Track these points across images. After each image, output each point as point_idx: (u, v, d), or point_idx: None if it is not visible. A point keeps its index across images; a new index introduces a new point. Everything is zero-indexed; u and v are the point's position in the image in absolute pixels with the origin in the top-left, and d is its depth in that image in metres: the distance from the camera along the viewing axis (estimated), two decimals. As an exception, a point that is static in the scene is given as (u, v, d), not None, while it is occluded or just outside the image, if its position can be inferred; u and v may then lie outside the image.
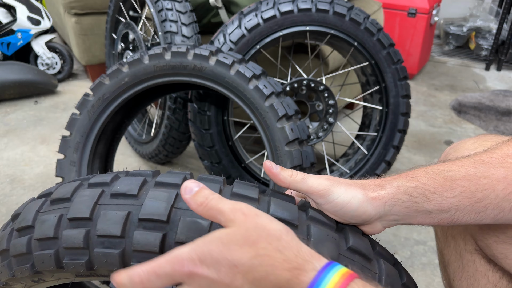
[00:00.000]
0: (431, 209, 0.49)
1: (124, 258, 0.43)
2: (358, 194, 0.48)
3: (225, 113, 1.42)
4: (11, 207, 1.54)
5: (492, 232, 0.54)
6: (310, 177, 0.49)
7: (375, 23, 1.35)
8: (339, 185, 0.49)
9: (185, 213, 0.44)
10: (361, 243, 0.47)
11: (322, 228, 0.46)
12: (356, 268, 0.44)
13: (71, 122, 1.13)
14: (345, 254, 0.45)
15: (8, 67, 2.42)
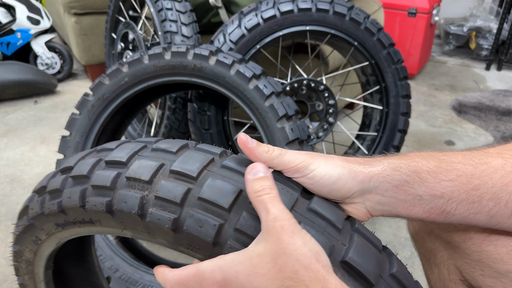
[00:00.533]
0: (423, 192, 0.45)
1: (144, 205, 0.43)
2: (339, 166, 0.45)
3: (225, 113, 1.42)
4: (11, 207, 1.54)
5: (478, 266, 0.51)
6: (287, 153, 0.46)
7: (375, 23, 1.35)
8: (318, 158, 0.46)
9: (215, 175, 0.44)
10: (326, 207, 0.44)
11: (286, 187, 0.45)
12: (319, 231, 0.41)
13: (71, 122, 1.13)
14: (307, 215, 0.42)
15: (7, 67, 2.42)
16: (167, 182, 0.43)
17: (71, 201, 0.47)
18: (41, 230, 0.53)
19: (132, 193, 0.43)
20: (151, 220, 0.42)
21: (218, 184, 0.42)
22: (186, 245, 0.43)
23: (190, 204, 0.42)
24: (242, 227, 0.40)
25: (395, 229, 1.44)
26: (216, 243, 0.40)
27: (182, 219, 0.41)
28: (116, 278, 1.05)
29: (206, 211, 0.41)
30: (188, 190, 0.42)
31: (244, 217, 0.40)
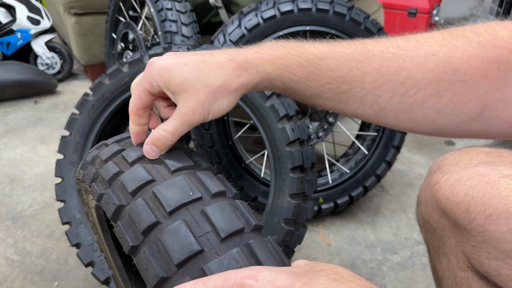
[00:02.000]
0: (292, 93, 0.50)
1: (118, 215, 0.43)
2: (223, 101, 0.48)
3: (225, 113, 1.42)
4: (11, 207, 1.54)
5: (484, 248, 0.52)
6: (179, 128, 0.48)
7: (375, 23, 1.35)
8: (205, 111, 0.48)
9: (188, 220, 0.41)
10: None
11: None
12: None
13: (71, 122, 1.13)
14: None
15: (7, 67, 2.42)
16: (142, 203, 0.42)
17: (87, 177, 0.52)
18: (82, 185, 0.58)
19: (114, 197, 0.44)
20: (117, 232, 0.43)
21: (181, 233, 0.38)
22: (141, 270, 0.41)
23: (149, 240, 0.39)
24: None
25: (395, 229, 1.44)
26: None
27: (138, 250, 0.40)
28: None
29: (159, 255, 0.38)
30: (155, 224, 0.40)
31: (187, 281, 0.36)
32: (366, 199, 1.59)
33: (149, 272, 0.38)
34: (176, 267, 0.37)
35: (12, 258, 1.31)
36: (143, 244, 0.39)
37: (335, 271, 0.33)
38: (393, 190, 1.66)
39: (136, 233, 0.40)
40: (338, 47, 0.49)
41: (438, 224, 0.60)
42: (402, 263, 1.30)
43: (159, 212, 0.40)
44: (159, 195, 0.42)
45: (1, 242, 1.38)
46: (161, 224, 0.39)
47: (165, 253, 0.37)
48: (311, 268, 0.34)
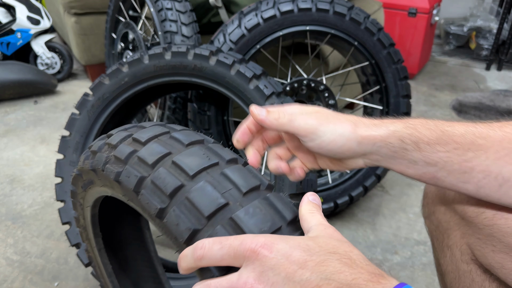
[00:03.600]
0: (418, 159, 0.49)
1: (141, 185, 0.46)
2: (346, 131, 0.49)
3: (225, 113, 1.42)
4: (11, 207, 1.54)
5: (490, 241, 0.53)
6: (297, 118, 0.49)
7: (375, 23, 1.35)
8: (327, 124, 0.49)
9: (210, 180, 0.45)
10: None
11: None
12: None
13: (71, 122, 1.13)
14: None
15: (7, 67, 2.42)
16: (165, 171, 0.45)
17: (97, 163, 0.53)
18: (83, 180, 0.60)
19: (134, 171, 0.47)
20: (141, 200, 0.46)
21: (208, 190, 0.42)
22: (166, 234, 0.45)
23: (177, 200, 0.43)
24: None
25: (395, 229, 1.44)
26: (187, 244, 0.41)
27: (165, 212, 0.43)
28: (116, 278, 1.04)
29: (188, 211, 0.42)
30: (180, 186, 0.43)
31: (218, 230, 0.40)
32: (366, 199, 1.59)
33: (181, 226, 0.41)
34: (206, 219, 0.41)
35: (12, 258, 1.31)
36: (170, 206, 0.43)
37: (348, 255, 0.35)
38: (393, 190, 1.66)
39: (162, 198, 0.44)
40: (462, 123, 0.50)
41: (444, 216, 0.61)
42: (402, 263, 1.30)
43: (182, 177, 0.44)
44: (180, 162, 0.45)
45: (1, 242, 1.38)
46: (185, 186, 0.43)
47: (193, 209, 0.41)
48: (325, 246, 0.35)
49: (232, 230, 0.40)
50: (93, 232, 0.68)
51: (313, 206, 0.43)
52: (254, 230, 0.39)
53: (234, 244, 0.35)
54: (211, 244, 0.37)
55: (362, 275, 0.33)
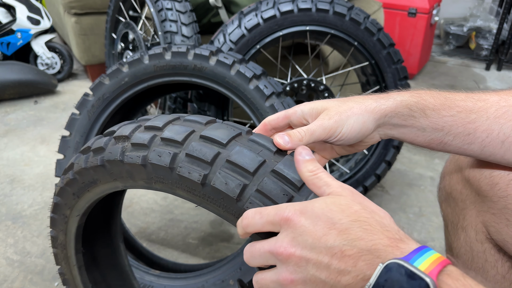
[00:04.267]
0: (426, 126, 0.52)
1: (175, 160, 0.49)
2: (359, 115, 0.52)
3: (225, 113, 1.42)
4: (11, 207, 1.54)
5: (504, 215, 0.55)
6: (316, 130, 0.52)
7: (375, 23, 1.35)
8: (340, 119, 0.52)
9: (243, 145, 0.50)
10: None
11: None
12: None
13: (71, 122, 1.13)
14: None
15: (8, 67, 2.42)
16: (198, 143, 0.49)
17: (112, 155, 0.54)
18: (81, 184, 0.61)
19: (165, 150, 0.50)
20: (182, 173, 0.49)
21: (245, 152, 0.48)
22: (210, 199, 0.49)
23: (218, 165, 0.48)
24: (263, 189, 0.46)
25: (395, 229, 1.44)
26: (239, 200, 0.46)
27: (209, 177, 0.48)
28: (116, 278, 1.05)
29: (233, 171, 0.47)
30: (217, 154, 0.48)
31: (265, 181, 0.46)
32: (366, 199, 1.59)
33: (231, 184, 0.46)
34: (251, 174, 0.46)
35: (12, 258, 1.31)
36: (212, 171, 0.47)
37: (368, 222, 0.38)
38: (393, 190, 1.66)
39: (203, 166, 0.48)
40: (455, 95, 0.54)
41: (461, 195, 0.64)
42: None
43: (216, 146, 0.49)
44: (209, 135, 0.50)
45: (1, 242, 1.38)
46: (222, 153, 0.48)
47: (238, 168, 0.47)
48: (348, 212, 0.39)
49: (277, 179, 0.46)
50: (74, 248, 0.69)
51: (313, 165, 0.45)
52: (295, 176, 0.46)
53: (271, 213, 0.41)
54: (253, 214, 0.43)
55: (381, 241, 0.36)
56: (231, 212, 0.48)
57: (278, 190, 0.45)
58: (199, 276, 1.04)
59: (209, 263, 1.22)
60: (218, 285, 1.00)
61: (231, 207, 0.47)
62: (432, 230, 1.44)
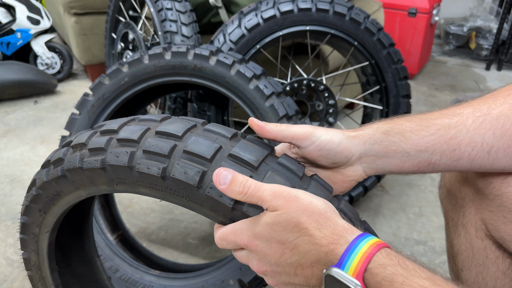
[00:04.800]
0: (409, 149, 0.52)
1: (133, 158, 0.50)
2: (338, 133, 0.53)
3: (225, 113, 1.42)
4: (11, 207, 1.54)
5: (501, 212, 0.55)
6: (293, 126, 0.53)
7: (375, 23, 1.35)
8: (319, 129, 0.53)
9: (198, 135, 0.51)
10: (351, 210, 0.52)
11: (321, 186, 0.51)
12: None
13: (71, 122, 1.13)
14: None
15: (7, 67, 2.42)
16: (154, 139, 0.50)
17: (71, 164, 0.55)
18: (46, 198, 0.61)
19: (122, 150, 0.51)
20: (140, 168, 0.50)
21: (201, 141, 0.49)
22: (172, 191, 0.50)
23: (175, 157, 0.49)
24: None
25: (395, 229, 1.44)
26: (200, 187, 0.48)
27: (168, 169, 0.49)
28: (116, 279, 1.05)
29: (190, 161, 0.48)
30: (174, 146, 0.49)
31: (223, 165, 0.48)
32: (366, 199, 1.59)
33: (190, 172, 0.47)
34: (209, 161, 0.48)
35: (12, 258, 1.31)
36: (170, 164, 0.49)
37: (309, 232, 0.43)
38: (393, 190, 1.66)
39: (160, 159, 0.49)
40: (430, 115, 0.54)
41: (460, 193, 0.64)
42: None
43: (172, 139, 0.50)
44: (164, 130, 0.51)
45: (1, 242, 1.38)
46: (178, 145, 0.50)
47: (195, 157, 0.48)
48: (294, 231, 0.43)
49: (234, 162, 0.48)
50: (48, 267, 0.68)
51: (237, 185, 0.45)
52: (252, 157, 0.48)
53: (233, 240, 0.47)
54: (220, 240, 0.49)
55: (322, 249, 0.42)
56: (194, 201, 0.49)
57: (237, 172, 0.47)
58: (199, 276, 1.04)
59: (209, 263, 1.22)
60: (218, 285, 1.00)
61: (193, 196, 0.49)
62: (432, 230, 1.44)
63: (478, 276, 0.62)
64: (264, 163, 0.49)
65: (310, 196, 0.45)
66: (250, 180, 0.45)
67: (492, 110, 0.50)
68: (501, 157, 0.51)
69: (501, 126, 0.49)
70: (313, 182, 0.50)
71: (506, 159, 0.51)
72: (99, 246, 1.10)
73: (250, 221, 0.46)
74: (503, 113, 0.50)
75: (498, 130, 0.49)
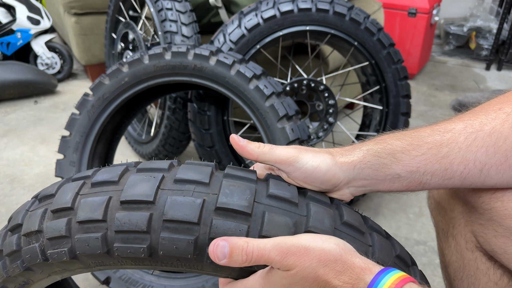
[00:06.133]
0: (400, 171, 0.49)
1: (107, 242, 0.43)
2: (327, 158, 0.49)
3: (225, 113, 1.42)
4: (11, 207, 1.54)
5: (491, 226, 0.54)
6: (277, 148, 0.49)
7: (375, 23, 1.35)
8: (306, 152, 0.49)
9: (172, 192, 0.44)
10: (355, 217, 0.48)
11: (319, 205, 0.46)
12: (351, 241, 0.45)
13: (71, 122, 1.13)
14: (340, 228, 0.46)
15: (8, 67, 2.42)
16: (122, 214, 0.42)
17: (32, 259, 0.47)
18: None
19: (90, 235, 0.43)
20: (120, 254, 0.43)
21: (179, 201, 0.42)
22: (165, 264, 0.44)
23: (155, 229, 0.42)
24: (217, 235, 0.42)
25: (395, 229, 1.44)
26: (197, 255, 0.42)
27: (154, 245, 0.42)
28: (116, 278, 1.05)
29: (176, 230, 0.41)
30: (150, 216, 0.42)
31: (215, 225, 0.42)
32: (366, 199, 1.59)
33: (181, 245, 0.41)
34: (197, 225, 0.41)
35: (12, 258, 1.31)
36: (153, 239, 0.42)
37: (330, 285, 0.41)
38: (393, 190, 1.65)
39: (140, 237, 0.42)
40: (425, 126, 0.53)
41: (449, 205, 0.63)
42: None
43: (144, 207, 0.43)
44: (130, 197, 0.43)
45: (1, 242, 1.38)
46: (154, 213, 0.42)
47: (180, 223, 0.41)
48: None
49: (225, 217, 0.42)
50: None
51: (240, 251, 0.41)
52: (242, 202, 0.42)
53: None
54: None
55: None
56: (193, 268, 0.44)
57: (233, 228, 0.41)
58: (199, 276, 1.04)
59: (209, 263, 1.22)
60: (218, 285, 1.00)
61: (190, 264, 0.43)
62: (432, 230, 1.44)
63: (470, 286, 0.61)
64: (256, 203, 0.44)
65: (320, 240, 0.42)
66: (250, 242, 0.41)
67: (484, 126, 0.49)
68: (493, 175, 0.49)
69: (494, 143, 0.48)
70: (311, 206, 0.46)
71: (498, 176, 0.50)
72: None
73: (263, 279, 0.43)
74: (496, 129, 0.48)
75: (491, 148, 0.48)
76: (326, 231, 0.44)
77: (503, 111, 0.49)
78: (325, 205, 0.47)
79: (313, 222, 0.44)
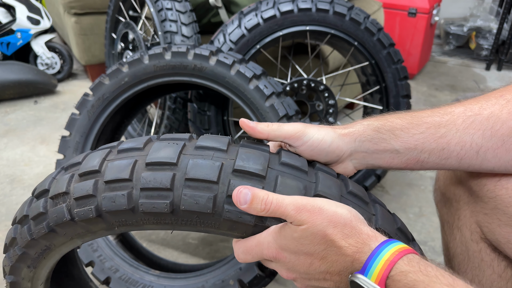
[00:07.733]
0: (399, 147, 0.52)
1: (132, 199, 0.46)
2: (330, 131, 0.53)
3: (225, 113, 1.42)
4: (11, 207, 1.54)
5: (495, 215, 0.55)
6: (285, 124, 0.53)
7: (375, 23, 1.35)
8: (311, 127, 0.53)
9: (193, 157, 0.47)
10: (359, 189, 0.52)
11: (327, 175, 0.50)
12: (356, 209, 0.48)
13: (71, 122, 1.13)
14: (346, 196, 0.49)
15: (7, 67, 2.42)
16: (149, 173, 0.46)
17: (58, 218, 0.49)
18: (34, 255, 0.54)
19: (116, 193, 0.46)
20: (145, 209, 0.46)
21: (200, 163, 0.46)
22: (183, 222, 0.47)
23: (178, 187, 0.46)
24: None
25: (395, 229, 1.44)
26: (214, 213, 0.46)
27: (175, 202, 0.46)
28: (116, 279, 1.05)
29: (197, 188, 0.45)
30: (173, 176, 0.46)
31: (232, 184, 0.45)
32: (366, 199, 1.59)
33: (201, 201, 0.45)
34: (216, 183, 0.45)
35: (12, 258, 1.31)
36: (175, 196, 0.46)
37: (336, 244, 0.44)
38: (393, 190, 1.66)
39: (163, 194, 0.46)
40: (421, 113, 0.55)
41: (455, 196, 0.64)
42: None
43: (167, 169, 0.46)
44: (155, 159, 0.47)
45: (1, 242, 1.38)
46: (177, 173, 0.46)
47: (200, 182, 0.45)
48: (321, 244, 0.44)
49: (241, 178, 0.46)
50: None
51: (258, 203, 0.44)
52: (258, 167, 0.46)
53: (259, 253, 0.48)
54: (244, 255, 0.49)
55: (348, 258, 0.43)
56: (210, 226, 0.47)
57: (256, 188, 0.45)
58: (199, 276, 1.04)
59: (209, 263, 1.22)
60: (218, 285, 1.00)
61: (208, 221, 0.46)
62: (432, 230, 1.44)
63: (474, 278, 0.62)
64: (270, 168, 0.47)
65: (334, 205, 0.45)
66: (270, 195, 0.44)
67: (483, 110, 0.50)
68: (490, 158, 0.51)
69: (491, 127, 0.49)
70: (320, 174, 0.49)
71: (495, 160, 0.51)
72: (100, 246, 1.10)
73: (276, 233, 0.46)
74: (494, 113, 0.50)
75: (488, 131, 0.49)
76: (333, 197, 0.47)
77: (504, 97, 0.51)
78: (332, 176, 0.51)
79: (321, 188, 0.47)
